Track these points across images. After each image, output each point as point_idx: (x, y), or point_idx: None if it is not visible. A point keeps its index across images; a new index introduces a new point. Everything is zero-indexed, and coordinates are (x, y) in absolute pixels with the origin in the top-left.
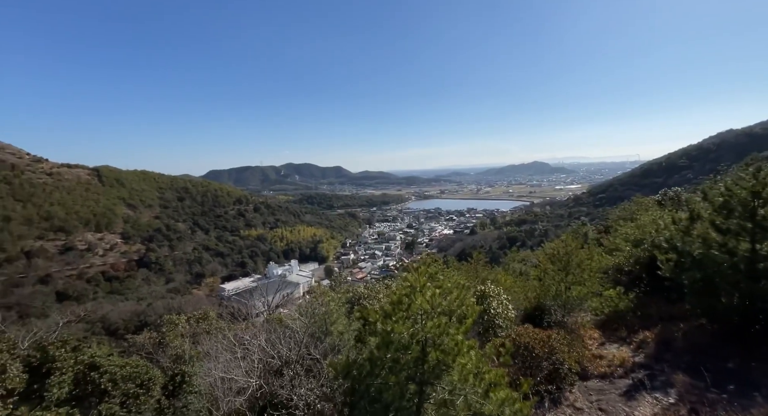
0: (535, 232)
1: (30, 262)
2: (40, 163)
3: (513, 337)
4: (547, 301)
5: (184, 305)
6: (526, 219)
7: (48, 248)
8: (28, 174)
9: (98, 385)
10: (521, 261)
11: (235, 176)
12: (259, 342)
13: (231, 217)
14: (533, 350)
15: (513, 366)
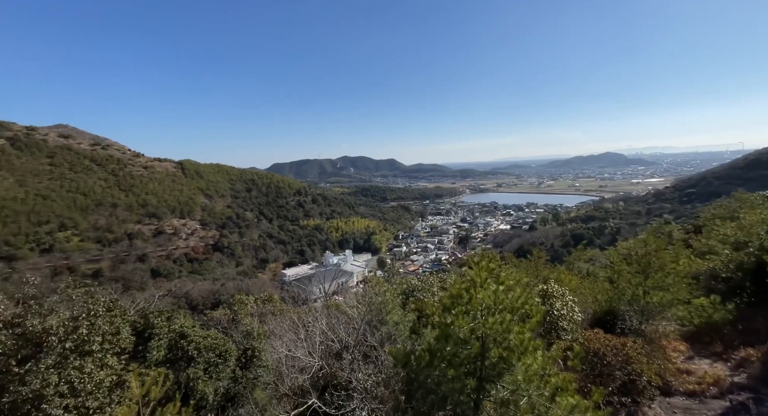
0: (605, 230)
1: (131, 243)
2: (138, 158)
3: (581, 342)
4: (620, 306)
5: (251, 287)
6: (594, 216)
7: (144, 231)
8: (129, 167)
9: (186, 352)
10: (588, 261)
11: (295, 169)
12: (320, 325)
13: (291, 208)
14: (605, 357)
15: (580, 372)
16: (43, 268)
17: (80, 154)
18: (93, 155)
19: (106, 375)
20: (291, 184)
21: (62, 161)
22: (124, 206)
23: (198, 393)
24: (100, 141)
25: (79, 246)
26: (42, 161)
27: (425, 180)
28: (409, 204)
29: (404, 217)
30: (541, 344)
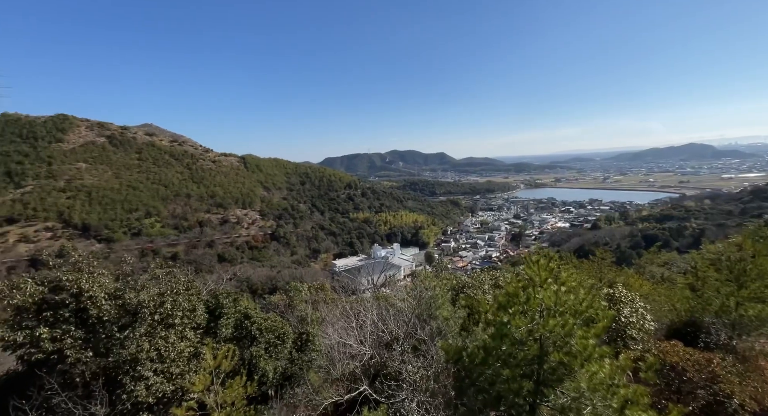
0: (685, 231)
1: (202, 230)
2: (208, 153)
3: (655, 353)
4: (705, 317)
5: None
6: (671, 215)
7: (212, 220)
8: (200, 161)
9: (250, 332)
10: (663, 265)
11: (346, 163)
12: (371, 316)
13: (342, 200)
14: (684, 373)
15: (653, 386)
16: (133, 249)
17: (162, 149)
18: (171, 151)
19: (186, 346)
20: (342, 177)
21: (147, 156)
22: (196, 196)
23: (260, 370)
24: (177, 138)
25: (161, 232)
26: (132, 156)
27: (476, 174)
28: (459, 198)
29: (453, 212)
30: (609, 351)
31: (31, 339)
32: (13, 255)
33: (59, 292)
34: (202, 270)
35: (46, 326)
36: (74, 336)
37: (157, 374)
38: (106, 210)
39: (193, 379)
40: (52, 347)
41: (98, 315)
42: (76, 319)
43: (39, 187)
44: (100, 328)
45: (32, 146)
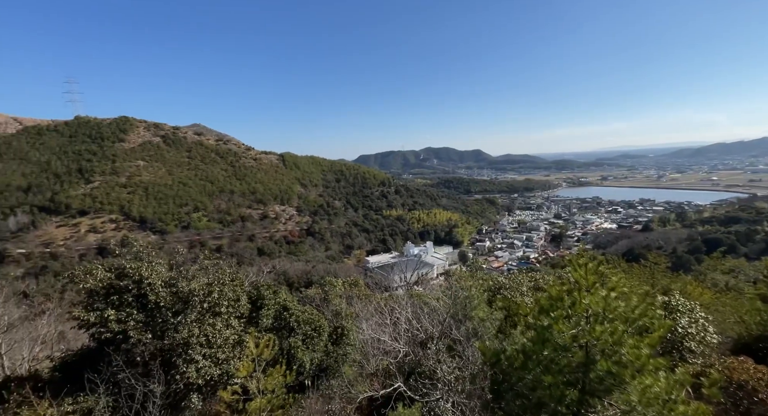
0: (756, 236)
1: (243, 225)
2: (250, 151)
3: (719, 369)
4: None
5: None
6: (739, 217)
7: (253, 215)
8: (242, 159)
9: (288, 323)
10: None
11: (380, 160)
12: (405, 313)
13: (375, 198)
14: (756, 393)
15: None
16: (183, 241)
17: (208, 148)
18: (217, 149)
19: (231, 333)
20: (375, 175)
21: (196, 154)
22: (239, 193)
23: (297, 360)
24: (222, 137)
25: (207, 225)
26: (183, 154)
27: (514, 172)
28: (495, 197)
29: (489, 211)
30: (665, 363)
31: (101, 320)
32: (83, 244)
33: (123, 279)
34: (244, 263)
35: (113, 308)
36: (136, 319)
37: (205, 358)
38: (160, 205)
39: (238, 365)
40: (118, 328)
41: (156, 301)
42: (138, 304)
43: (105, 182)
44: (157, 313)
45: (99, 146)
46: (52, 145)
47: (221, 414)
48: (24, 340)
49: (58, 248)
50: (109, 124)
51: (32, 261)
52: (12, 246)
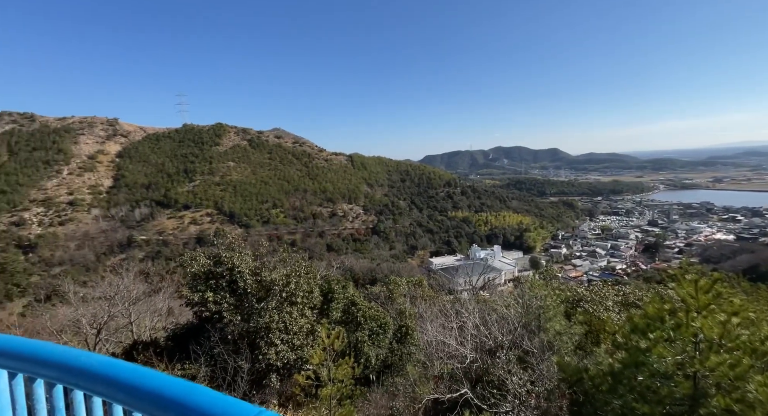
0: None
1: (314, 221)
2: (322, 152)
3: None
4: None
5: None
6: None
7: (323, 213)
8: (315, 160)
9: (355, 317)
10: None
11: (446, 160)
12: (473, 318)
13: (440, 199)
14: None
15: None
16: (263, 235)
17: (286, 150)
18: (293, 151)
19: (305, 322)
20: (441, 175)
21: (276, 156)
22: (311, 191)
23: (363, 354)
24: (298, 139)
25: (283, 221)
26: (265, 156)
27: (598, 172)
28: (574, 200)
29: (566, 215)
30: None
31: (202, 300)
32: (186, 234)
33: (219, 266)
34: (314, 257)
35: (211, 291)
36: (228, 302)
37: (283, 343)
38: (245, 201)
39: (311, 353)
40: (215, 308)
41: (244, 287)
42: (230, 289)
43: (203, 181)
44: (245, 298)
45: (200, 149)
46: (166, 149)
47: (296, 395)
48: (146, 312)
49: (168, 236)
50: (207, 130)
51: (150, 246)
52: (137, 233)
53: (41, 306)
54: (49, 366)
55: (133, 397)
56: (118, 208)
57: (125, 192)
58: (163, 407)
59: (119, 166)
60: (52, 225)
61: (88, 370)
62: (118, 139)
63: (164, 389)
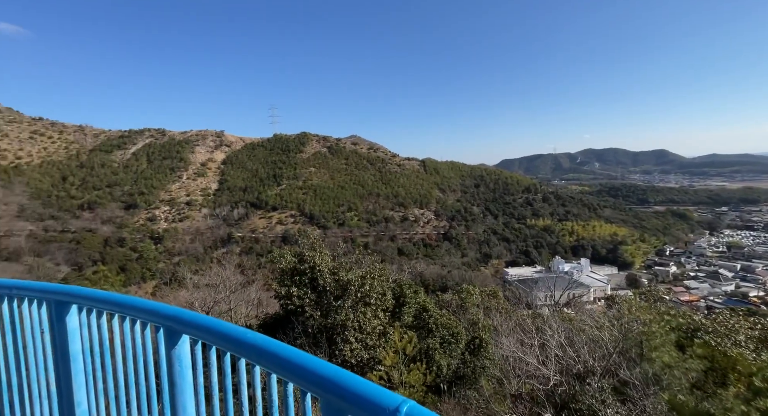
0: None
1: (386, 225)
2: (395, 158)
3: None
4: None
5: (474, 279)
6: None
7: (395, 217)
8: (388, 165)
9: (427, 323)
10: None
11: (525, 165)
12: (557, 337)
13: (518, 205)
14: None
15: None
16: (338, 236)
17: (361, 156)
18: (368, 157)
19: (377, 323)
20: (519, 180)
21: (352, 162)
22: (384, 196)
23: (435, 362)
24: (372, 145)
25: (357, 224)
26: (341, 162)
27: (722, 177)
28: (687, 210)
29: (676, 227)
30: None
31: (287, 294)
32: (273, 233)
33: (302, 263)
34: (386, 260)
35: (295, 286)
36: (310, 298)
37: (357, 341)
38: (323, 204)
39: (383, 354)
40: (298, 303)
41: (323, 285)
42: (311, 285)
43: (288, 185)
44: (324, 296)
45: (287, 156)
46: (259, 156)
47: None
48: (242, 301)
49: (258, 234)
50: (293, 138)
51: (245, 242)
52: (235, 231)
53: (166, 287)
54: (224, 338)
55: (285, 370)
56: (221, 208)
57: (227, 194)
58: (316, 382)
59: (223, 172)
60: (174, 221)
61: (253, 344)
62: (223, 149)
63: (316, 367)
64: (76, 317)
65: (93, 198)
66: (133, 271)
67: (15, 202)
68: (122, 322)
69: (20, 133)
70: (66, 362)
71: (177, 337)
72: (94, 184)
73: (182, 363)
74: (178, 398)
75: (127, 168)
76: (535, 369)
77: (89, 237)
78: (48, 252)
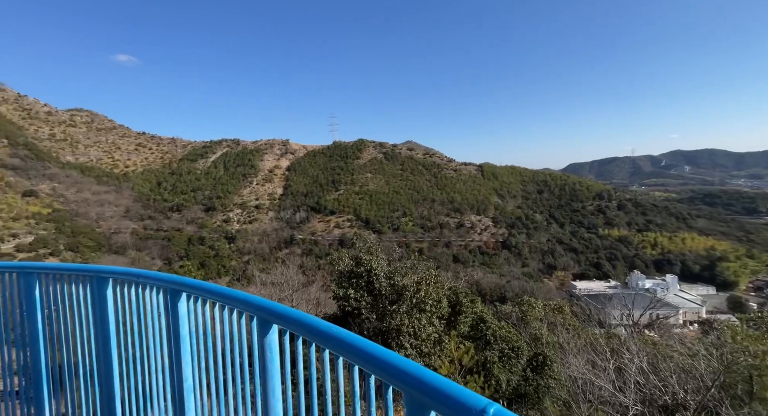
0: None
1: (441, 231)
2: (451, 163)
3: None
4: None
5: (536, 291)
6: None
7: (450, 223)
8: (444, 171)
9: (484, 335)
10: None
11: (597, 169)
12: (639, 361)
13: (588, 213)
14: None
15: None
16: (393, 241)
17: (417, 161)
18: (424, 162)
19: (432, 331)
20: (589, 186)
21: (407, 167)
22: (439, 201)
23: (494, 376)
24: (428, 151)
25: (411, 229)
26: (397, 167)
27: None
28: None
29: None
30: None
31: (344, 296)
32: (331, 236)
33: (359, 266)
34: (441, 267)
35: (352, 289)
36: (366, 300)
37: (412, 347)
38: (379, 209)
39: (438, 363)
40: (355, 304)
41: (379, 288)
42: (367, 288)
43: (346, 191)
44: (380, 299)
45: (345, 162)
46: (319, 163)
47: None
48: (303, 300)
49: (317, 237)
50: (351, 145)
51: (305, 244)
52: (296, 233)
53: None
54: (310, 330)
55: (368, 363)
56: (284, 211)
57: (290, 199)
58: (400, 377)
59: (287, 178)
60: (245, 223)
61: (337, 338)
62: (288, 156)
63: (400, 363)
64: (185, 304)
65: (180, 201)
66: (211, 267)
67: (123, 204)
68: (222, 310)
69: (129, 145)
70: (177, 342)
71: (268, 326)
72: (182, 188)
73: (272, 350)
74: (268, 381)
75: (207, 174)
76: (611, 396)
77: (177, 236)
78: (146, 247)
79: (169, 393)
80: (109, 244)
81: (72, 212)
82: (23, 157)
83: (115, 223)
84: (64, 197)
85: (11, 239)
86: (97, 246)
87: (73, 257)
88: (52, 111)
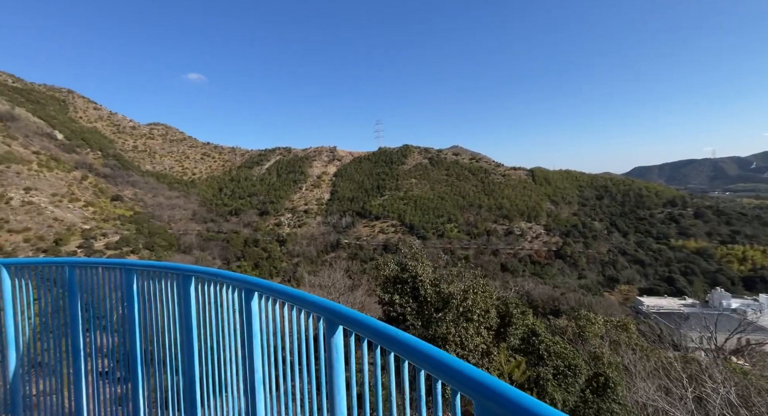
0: None
1: (488, 238)
2: (499, 168)
3: None
4: None
5: (595, 305)
6: None
7: (498, 230)
8: (492, 176)
9: (537, 349)
10: None
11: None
12: (725, 392)
13: (658, 222)
14: None
15: None
16: (437, 248)
17: (463, 166)
18: (470, 167)
19: (480, 341)
20: (659, 191)
21: (453, 172)
22: (486, 207)
23: (548, 395)
24: (475, 155)
25: (457, 236)
26: (442, 173)
27: None
28: None
29: None
30: None
31: (390, 301)
32: (375, 241)
33: (404, 272)
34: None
35: (397, 294)
36: (411, 307)
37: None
38: (423, 215)
39: None
40: (400, 310)
41: (424, 295)
42: (412, 295)
43: (390, 196)
44: (425, 306)
45: (390, 168)
46: (365, 169)
47: None
48: (348, 303)
49: (362, 241)
50: (396, 151)
51: (350, 248)
52: (342, 237)
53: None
54: (375, 333)
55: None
56: (331, 216)
57: (337, 204)
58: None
59: (334, 184)
60: (295, 226)
61: (403, 342)
62: (335, 163)
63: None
64: (257, 303)
65: (238, 205)
66: (264, 268)
67: (190, 208)
68: (290, 310)
69: (196, 155)
70: (249, 337)
71: (334, 327)
72: (240, 194)
73: (338, 350)
74: (334, 379)
75: (262, 181)
76: None
77: (235, 238)
78: (208, 248)
79: (242, 382)
80: (178, 244)
81: (149, 214)
82: (113, 166)
83: (183, 225)
84: (143, 201)
85: (102, 238)
86: (169, 246)
87: (149, 255)
88: (136, 125)
